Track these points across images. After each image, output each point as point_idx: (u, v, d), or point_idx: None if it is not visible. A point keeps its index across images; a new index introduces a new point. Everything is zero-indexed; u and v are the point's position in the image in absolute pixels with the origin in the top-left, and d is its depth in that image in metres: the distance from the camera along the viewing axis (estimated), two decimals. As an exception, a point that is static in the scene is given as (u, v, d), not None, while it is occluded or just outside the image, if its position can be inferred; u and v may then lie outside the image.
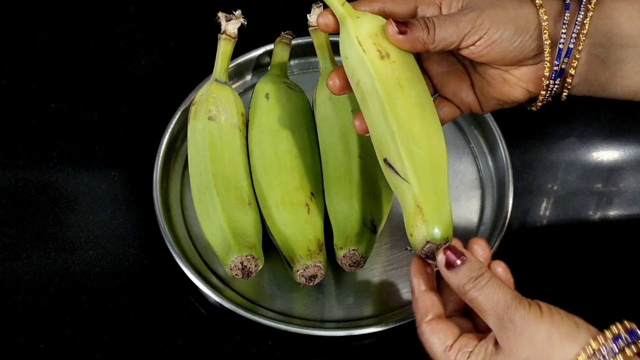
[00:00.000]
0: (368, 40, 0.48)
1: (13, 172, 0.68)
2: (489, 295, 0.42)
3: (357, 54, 0.48)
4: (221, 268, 0.60)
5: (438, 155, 0.46)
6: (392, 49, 0.48)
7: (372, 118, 0.48)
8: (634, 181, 0.69)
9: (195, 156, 0.62)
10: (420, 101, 0.47)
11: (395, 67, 0.47)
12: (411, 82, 0.48)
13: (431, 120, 0.47)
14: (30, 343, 0.57)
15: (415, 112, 0.47)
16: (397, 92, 0.47)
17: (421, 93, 0.48)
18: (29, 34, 0.79)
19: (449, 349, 0.44)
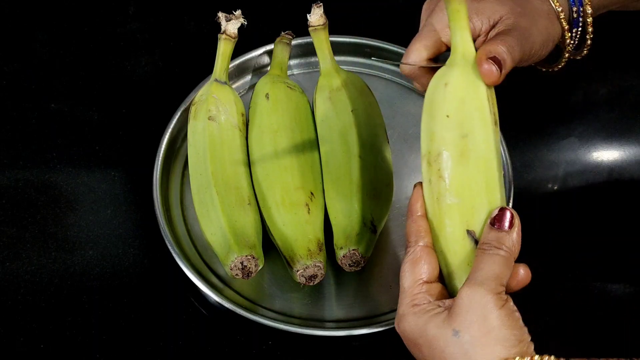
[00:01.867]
0: (490, 101, 0.46)
1: (13, 172, 0.68)
2: (488, 262, 0.43)
3: (481, 109, 0.46)
4: (221, 268, 0.60)
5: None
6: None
7: (470, 180, 0.46)
8: (633, 181, 0.69)
9: (195, 156, 0.62)
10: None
11: (497, 135, 0.47)
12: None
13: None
14: (30, 343, 0.57)
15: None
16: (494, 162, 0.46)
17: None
18: (29, 34, 0.79)
19: (421, 282, 0.46)
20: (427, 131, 0.46)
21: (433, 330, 0.43)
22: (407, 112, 0.72)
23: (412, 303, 0.45)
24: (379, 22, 0.81)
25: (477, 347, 0.41)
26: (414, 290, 0.45)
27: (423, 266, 0.46)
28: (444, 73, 0.46)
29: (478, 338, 0.41)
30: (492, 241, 0.44)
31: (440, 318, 0.43)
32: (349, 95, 0.64)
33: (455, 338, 0.41)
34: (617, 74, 0.77)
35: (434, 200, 0.46)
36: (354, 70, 0.72)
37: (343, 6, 0.78)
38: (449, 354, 0.42)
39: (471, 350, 0.41)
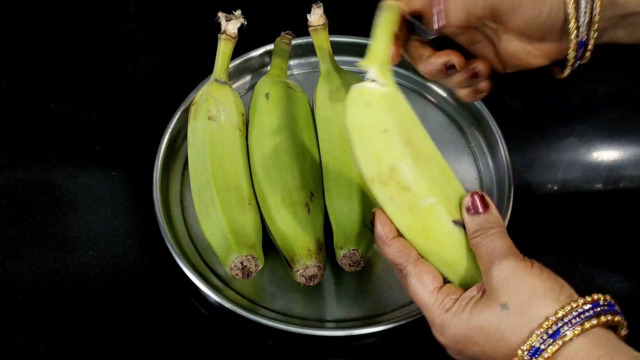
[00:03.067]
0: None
1: (13, 172, 0.68)
2: (491, 242, 0.44)
3: (407, 111, 0.47)
4: (221, 268, 0.60)
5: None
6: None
7: (433, 176, 0.46)
8: (634, 181, 0.69)
9: (195, 156, 0.62)
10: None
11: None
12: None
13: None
14: (30, 343, 0.57)
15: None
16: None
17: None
18: (29, 34, 0.79)
19: (437, 290, 0.46)
20: (368, 154, 0.45)
21: (480, 318, 0.43)
22: (407, 112, 0.72)
23: (443, 310, 0.45)
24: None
25: (530, 308, 0.41)
26: (436, 300, 0.45)
27: (428, 277, 0.46)
28: (360, 92, 0.45)
29: (527, 301, 0.41)
30: (481, 227, 0.45)
31: (480, 305, 0.43)
32: (349, 95, 0.64)
33: (506, 311, 0.42)
34: (617, 74, 0.77)
35: (406, 213, 0.46)
36: (354, 70, 0.72)
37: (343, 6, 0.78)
38: (506, 327, 0.42)
39: (526, 314, 0.41)
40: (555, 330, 0.40)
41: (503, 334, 0.42)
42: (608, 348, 0.39)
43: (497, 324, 0.42)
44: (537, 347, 0.40)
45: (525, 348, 0.40)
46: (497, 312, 0.42)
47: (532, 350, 0.40)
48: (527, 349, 0.40)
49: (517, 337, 0.41)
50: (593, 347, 0.39)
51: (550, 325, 0.40)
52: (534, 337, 0.40)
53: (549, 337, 0.40)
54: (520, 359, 0.41)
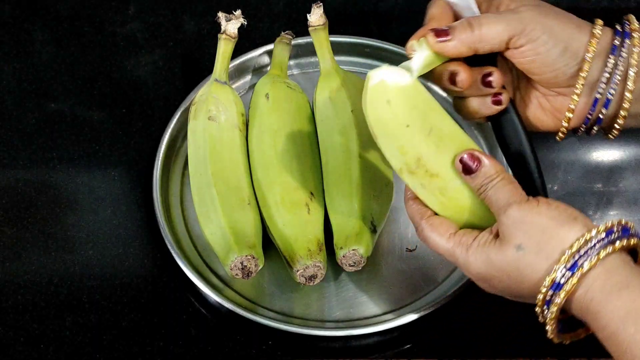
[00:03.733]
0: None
1: (13, 172, 0.68)
2: (494, 194, 0.45)
3: (428, 100, 0.49)
4: (221, 268, 0.60)
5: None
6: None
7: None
8: (634, 181, 0.69)
9: (195, 156, 0.62)
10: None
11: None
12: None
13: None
14: (30, 343, 0.57)
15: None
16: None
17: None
18: (29, 34, 0.79)
19: (453, 235, 0.47)
20: (394, 148, 0.48)
21: (497, 259, 0.44)
22: (407, 112, 0.72)
23: (464, 248, 0.46)
24: (379, 22, 0.81)
25: (546, 245, 0.42)
26: (453, 243, 0.47)
27: (441, 227, 0.48)
28: (379, 89, 0.46)
29: (540, 239, 0.42)
30: (482, 182, 0.46)
31: (496, 246, 0.44)
32: (349, 95, 0.64)
33: (521, 252, 0.43)
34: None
35: (438, 196, 0.48)
36: (354, 70, 0.72)
37: (343, 6, 0.78)
38: (525, 267, 0.43)
39: (542, 251, 0.42)
40: (573, 263, 0.41)
41: (522, 272, 0.43)
42: (624, 275, 0.40)
43: (515, 263, 0.43)
44: (558, 281, 0.41)
45: (547, 284, 0.41)
46: (513, 253, 0.43)
47: (553, 285, 0.41)
48: (549, 284, 0.41)
49: (538, 274, 0.42)
50: (609, 276, 0.40)
51: (568, 258, 0.41)
52: (553, 272, 0.41)
53: (567, 271, 0.41)
54: (543, 295, 0.42)
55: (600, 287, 0.40)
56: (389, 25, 0.80)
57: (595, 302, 0.40)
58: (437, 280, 0.61)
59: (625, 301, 0.39)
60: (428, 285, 0.61)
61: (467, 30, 0.47)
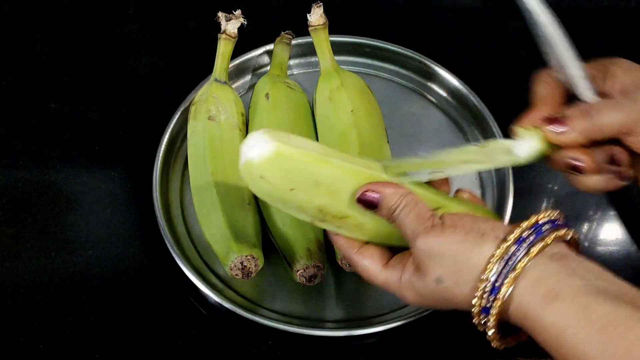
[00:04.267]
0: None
1: (13, 172, 0.68)
2: (405, 220, 0.44)
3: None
4: (221, 268, 0.60)
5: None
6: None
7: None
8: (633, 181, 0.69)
9: (195, 156, 0.62)
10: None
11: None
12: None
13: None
14: (30, 343, 0.57)
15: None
16: None
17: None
18: (29, 34, 0.79)
19: (385, 268, 0.47)
20: (292, 209, 0.46)
21: (425, 292, 0.44)
22: (407, 112, 0.72)
23: (396, 283, 0.46)
24: (379, 22, 0.81)
25: (461, 274, 0.41)
26: (386, 276, 0.47)
27: (373, 257, 0.48)
28: (249, 169, 0.44)
29: (455, 270, 0.42)
30: (387, 213, 0.45)
31: (419, 281, 0.44)
32: (348, 95, 0.64)
33: (443, 285, 0.42)
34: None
35: (359, 231, 0.47)
36: (354, 70, 0.72)
37: (343, 6, 0.78)
38: (452, 298, 0.43)
39: (459, 283, 0.42)
40: (491, 288, 0.40)
41: (451, 301, 0.43)
42: (551, 282, 0.39)
43: (441, 294, 0.43)
44: (484, 306, 0.41)
45: (475, 311, 0.41)
46: (435, 286, 0.43)
47: (482, 310, 0.41)
48: (478, 312, 0.41)
49: (465, 302, 0.42)
50: (535, 288, 0.39)
51: (484, 286, 0.40)
52: (476, 300, 0.41)
53: (490, 295, 0.40)
54: (477, 318, 0.42)
55: (528, 302, 0.39)
56: (389, 25, 0.80)
57: (528, 320, 0.39)
58: (437, 280, 0.61)
59: (556, 316, 0.38)
60: (428, 285, 0.61)
61: (586, 120, 0.44)
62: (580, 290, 0.38)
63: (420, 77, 0.73)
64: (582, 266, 0.40)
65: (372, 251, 0.48)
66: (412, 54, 0.73)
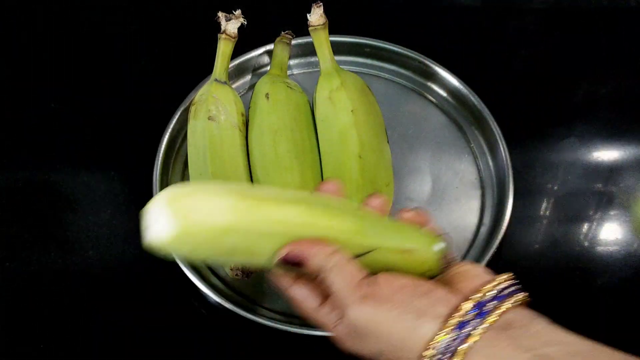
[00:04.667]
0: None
1: (13, 172, 0.68)
2: (332, 285, 0.41)
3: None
4: (221, 268, 0.60)
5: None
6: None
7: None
8: (634, 181, 0.69)
9: (195, 156, 0.62)
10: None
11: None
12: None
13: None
14: (30, 343, 0.57)
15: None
16: None
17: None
18: (29, 34, 0.79)
19: (321, 307, 0.43)
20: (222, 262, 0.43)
21: (358, 348, 0.41)
22: (407, 112, 0.72)
23: (330, 327, 0.43)
24: (379, 22, 0.81)
25: (401, 354, 0.39)
26: (319, 318, 0.43)
27: (304, 301, 0.44)
28: (155, 247, 0.41)
29: (393, 349, 0.39)
30: (317, 271, 0.41)
31: (359, 343, 0.41)
32: (348, 95, 0.64)
33: (384, 357, 0.40)
34: (617, 73, 0.77)
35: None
36: (354, 70, 0.72)
37: (343, 6, 0.78)
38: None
39: (400, 358, 0.39)
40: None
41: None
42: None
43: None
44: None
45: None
46: (376, 356, 0.40)
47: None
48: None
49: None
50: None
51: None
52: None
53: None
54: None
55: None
56: (389, 25, 0.80)
57: None
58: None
59: None
60: (428, 285, 0.61)
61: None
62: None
63: (420, 77, 0.73)
64: (530, 333, 0.37)
65: (307, 287, 0.44)
66: (412, 54, 0.73)
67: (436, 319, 0.38)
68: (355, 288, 0.40)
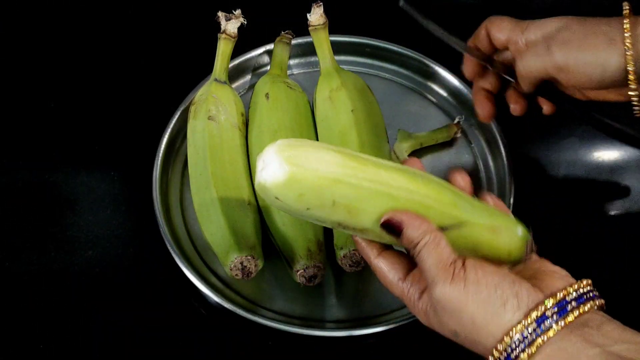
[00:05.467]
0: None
1: (13, 172, 0.68)
2: (425, 259, 0.43)
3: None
4: (221, 268, 0.60)
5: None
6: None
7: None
8: (634, 181, 0.69)
9: (195, 156, 0.62)
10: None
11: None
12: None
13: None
14: (30, 343, 0.57)
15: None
16: None
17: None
18: (29, 34, 0.79)
19: (402, 280, 0.46)
20: (314, 219, 0.45)
21: (441, 331, 0.43)
22: (407, 112, 0.72)
23: (411, 303, 0.45)
24: (379, 22, 0.81)
25: (479, 338, 0.41)
26: (402, 290, 0.46)
27: (389, 271, 0.47)
28: (265, 190, 0.43)
29: (471, 331, 0.41)
30: (408, 245, 0.43)
31: (437, 320, 0.43)
32: (349, 95, 0.64)
33: (459, 338, 0.42)
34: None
35: (379, 239, 0.47)
36: (354, 70, 0.72)
37: (343, 6, 0.78)
38: (468, 347, 0.42)
39: (475, 344, 0.41)
40: (506, 357, 0.39)
41: (467, 348, 0.42)
42: (566, 356, 0.38)
43: (457, 341, 0.43)
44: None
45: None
46: (451, 335, 0.43)
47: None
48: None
49: (482, 354, 0.41)
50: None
51: (498, 357, 0.40)
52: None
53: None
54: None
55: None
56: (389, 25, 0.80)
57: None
58: (437, 280, 0.61)
59: None
60: (428, 285, 0.61)
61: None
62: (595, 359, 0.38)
63: (420, 77, 0.73)
64: (602, 332, 0.39)
65: (392, 260, 0.47)
66: (412, 54, 0.73)
67: (520, 310, 0.40)
68: (446, 267, 0.42)
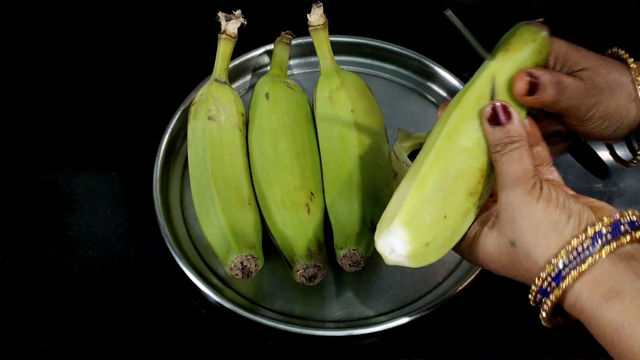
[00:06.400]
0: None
1: (13, 172, 0.68)
2: (507, 162, 0.43)
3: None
4: (221, 268, 0.60)
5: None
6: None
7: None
8: (634, 181, 0.69)
9: (195, 156, 0.62)
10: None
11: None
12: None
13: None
14: (30, 343, 0.57)
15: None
16: None
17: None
18: (29, 34, 0.79)
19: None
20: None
21: (496, 250, 0.44)
22: (407, 112, 0.72)
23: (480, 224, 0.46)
24: (379, 22, 0.81)
25: (535, 247, 0.41)
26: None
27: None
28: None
29: (531, 240, 0.42)
30: (500, 141, 0.44)
31: (495, 234, 0.44)
32: (348, 95, 0.64)
33: (514, 249, 0.43)
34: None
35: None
36: (354, 70, 0.72)
37: (343, 6, 0.78)
38: (518, 264, 0.43)
39: (530, 255, 0.42)
40: (556, 275, 0.40)
41: (517, 269, 0.43)
42: (613, 282, 0.39)
43: (510, 258, 0.43)
44: (544, 289, 0.41)
45: (534, 289, 0.42)
46: (507, 247, 0.43)
47: (541, 291, 0.42)
48: (537, 290, 0.42)
49: (529, 275, 0.42)
50: (597, 285, 0.40)
51: (551, 270, 0.41)
52: (538, 281, 0.41)
53: (553, 281, 0.41)
54: (533, 297, 0.42)
55: (587, 297, 0.40)
56: (389, 25, 0.80)
57: (585, 314, 0.40)
58: (437, 280, 0.61)
59: (614, 314, 0.38)
60: (428, 285, 0.61)
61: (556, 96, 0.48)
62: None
63: (420, 77, 0.73)
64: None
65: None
66: (412, 54, 0.73)
67: (580, 226, 0.41)
68: (528, 178, 0.43)
